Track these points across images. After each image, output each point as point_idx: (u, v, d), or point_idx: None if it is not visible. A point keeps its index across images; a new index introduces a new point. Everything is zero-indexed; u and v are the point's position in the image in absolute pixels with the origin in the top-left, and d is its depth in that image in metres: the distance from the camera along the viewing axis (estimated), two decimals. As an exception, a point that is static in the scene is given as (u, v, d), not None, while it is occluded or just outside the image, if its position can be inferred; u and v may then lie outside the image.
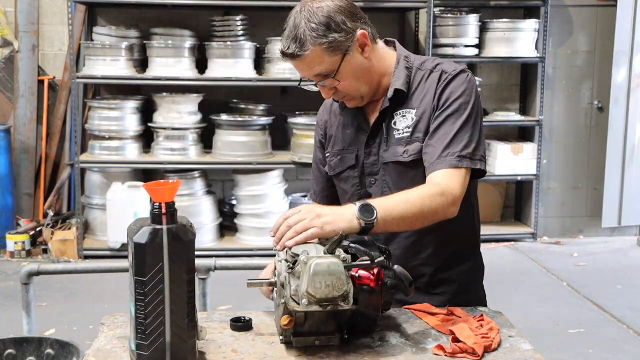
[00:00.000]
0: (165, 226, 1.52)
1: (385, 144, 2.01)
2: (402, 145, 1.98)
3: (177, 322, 1.53)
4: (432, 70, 2.01)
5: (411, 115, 1.99)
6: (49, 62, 6.24)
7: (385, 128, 2.01)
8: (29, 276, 3.15)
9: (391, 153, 2.00)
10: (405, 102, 2.00)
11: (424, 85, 2.00)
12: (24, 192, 6.19)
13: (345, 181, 2.10)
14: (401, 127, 2.00)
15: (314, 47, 1.87)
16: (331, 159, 2.13)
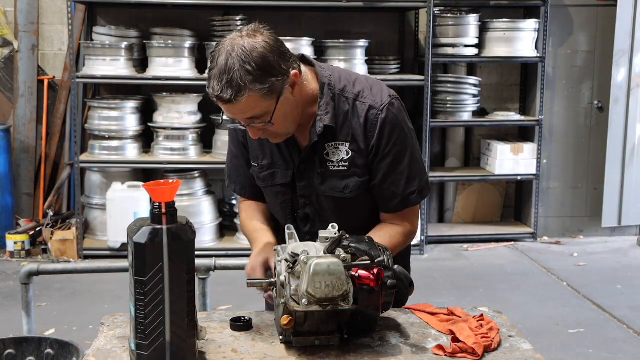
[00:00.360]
0: (165, 226, 1.52)
1: (321, 175, 2.00)
2: (340, 179, 2.00)
3: (177, 322, 1.53)
4: (356, 99, 1.99)
5: (345, 148, 1.99)
6: (49, 62, 6.24)
7: (318, 161, 2.00)
8: (29, 276, 3.15)
9: (329, 186, 2.01)
10: (334, 134, 1.99)
11: (352, 117, 1.98)
12: (23, 192, 6.18)
13: (274, 195, 2.09)
14: (335, 160, 2.00)
15: (250, 92, 1.78)
16: (260, 171, 2.09)
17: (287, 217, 2.08)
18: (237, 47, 1.77)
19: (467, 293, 5.03)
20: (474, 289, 5.19)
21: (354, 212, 2.04)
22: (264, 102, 1.82)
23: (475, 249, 6.15)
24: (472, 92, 6.22)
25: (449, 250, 6.09)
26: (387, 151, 1.99)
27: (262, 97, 1.81)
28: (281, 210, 2.10)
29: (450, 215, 6.68)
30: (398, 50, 6.39)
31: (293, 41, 5.76)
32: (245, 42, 1.79)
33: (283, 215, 2.10)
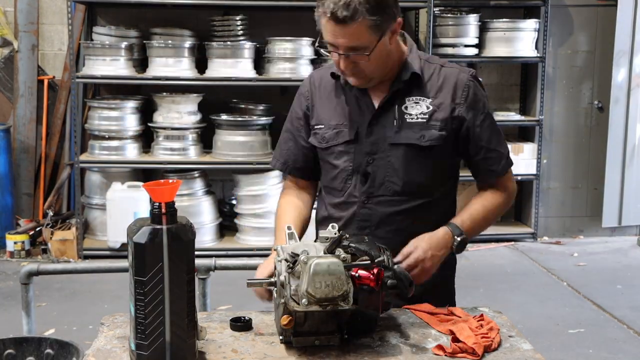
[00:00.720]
0: (165, 226, 1.52)
1: (397, 125, 2.02)
2: (417, 130, 2.02)
3: (177, 322, 1.53)
4: (443, 66, 2.08)
5: (425, 103, 2.03)
6: (49, 62, 6.24)
7: (397, 110, 2.03)
8: (29, 276, 3.15)
9: (404, 135, 2.02)
10: (416, 89, 2.04)
11: (436, 78, 2.05)
12: (23, 192, 6.18)
13: (337, 156, 2.08)
14: (414, 113, 2.03)
15: (362, 20, 1.85)
16: (325, 131, 2.10)
17: (347, 178, 2.07)
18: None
19: (467, 293, 5.03)
20: (474, 289, 5.19)
21: (420, 169, 2.04)
22: (368, 35, 1.89)
23: (475, 249, 6.15)
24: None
25: (449, 250, 6.09)
26: (485, 113, 2.07)
27: (369, 29, 1.88)
28: (341, 171, 2.08)
29: (450, 215, 6.67)
30: (398, 50, 6.38)
31: (293, 41, 5.76)
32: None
33: (342, 179, 2.08)
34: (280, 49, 5.76)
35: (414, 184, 2.02)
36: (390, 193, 2.03)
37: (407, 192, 2.02)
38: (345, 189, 2.07)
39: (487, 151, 2.08)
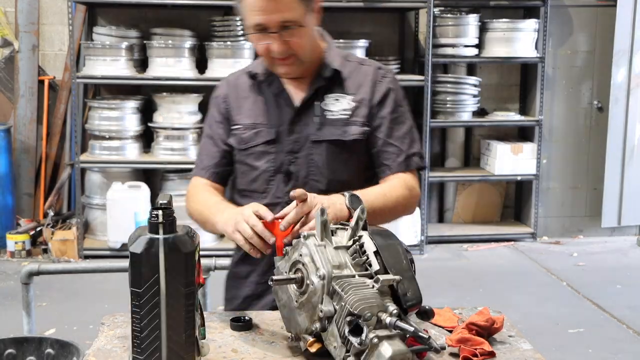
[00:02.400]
0: (162, 236, 1.45)
1: (319, 122, 2.02)
2: (339, 126, 2.02)
3: (173, 337, 1.45)
4: (361, 63, 2.10)
5: (347, 100, 2.04)
6: (49, 62, 6.25)
7: (317, 107, 2.03)
8: (29, 276, 3.16)
9: (326, 132, 2.01)
10: (337, 86, 2.04)
11: (356, 75, 2.06)
12: (24, 192, 6.19)
13: (257, 156, 2.05)
14: (336, 110, 2.03)
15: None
16: (243, 132, 2.07)
17: (269, 179, 2.05)
18: None
19: (467, 293, 5.04)
20: (474, 289, 5.19)
21: (344, 166, 2.03)
22: (298, 6, 1.89)
23: (475, 249, 6.15)
24: (472, 92, 6.22)
25: (449, 250, 6.10)
26: (393, 108, 2.06)
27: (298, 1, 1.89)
28: (262, 172, 2.05)
29: (450, 215, 6.68)
30: (398, 51, 6.39)
31: (293, 41, 5.76)
32: None
33: (263, 181, 2.06)
34: (280, 49, 5.76)
35: (338, 182, 1.99)
36: (314, 192, 1.92)
37: (332, 190, 1.90)
38: (267, 191, 2.05)
39: (384, 144, 2.04)
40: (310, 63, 2.02)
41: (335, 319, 1.48)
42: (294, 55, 1.95)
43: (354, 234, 1.61)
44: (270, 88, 2.07)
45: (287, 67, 1.98)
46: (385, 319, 1.44)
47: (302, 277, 1.56)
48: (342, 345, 1.47)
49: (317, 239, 1.58)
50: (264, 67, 2.06)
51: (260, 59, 2.07)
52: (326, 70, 2.03)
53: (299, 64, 1.99)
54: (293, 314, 1.59)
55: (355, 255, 1.58)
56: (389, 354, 1.41)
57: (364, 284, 1.50)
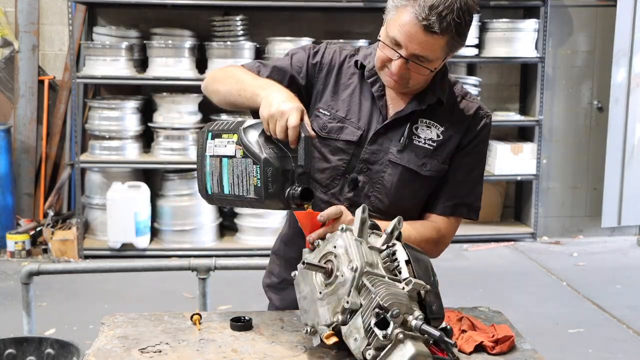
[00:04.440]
0: None
1: (403, 144, 1.94)
2: (420, 157, 1.94)
3: None
4: (464, 97, 2.00)
5: (437, 131, 1.95)
6: (49, 62, 6.25)
7: (404, 131, 1.94)
8: (29, 276, 3.16)
9: (407, 157, 1.94)
10: (432, 113, 1.96)
11: (453, 109, 1.97)
12: (24, 192, 6.19)
13: (333, 150, 1.97)
14: (423, 137, 1.95)
15: (445, 36, 1.77)
16: (330, 120, 1.98)
17: (336, 177, 1.97)
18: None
19: (467, 293, 5.03)
20: (474, 289, 5.19)
21: (411, 194, 1.97)
22: (440, 52, 1.81)
23: (475, 249, 6.15)
24: (472, 92, 6.21)
25: (449, 250, 6.03)
26: (476, 152, 1.99)
27: (444, 47, 1.80)
28: (332, 168, 1.96)
29: (450, 215, 6.67)
30: (398, 51, 6.38)
31: (293, 41, 5.76)
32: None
33: (330, 176, 1.97)
34: (280, 49, 5.76)
35: (399, 207, 1.92)
36: (373, 209, 1.93)
37: (390, 213, 1.84)
38: (330, 187, 1.97)
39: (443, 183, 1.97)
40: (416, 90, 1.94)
41: (361, 311, 1.49)
42: (407, 80, 1.87)
43: (389, 240, 1.62)
44: (373, 87, 1.96)
45: (394, 83, 1.89)
46: (411, 321, 1.45)
47: (331, 268, 1.56)
48: (365, 338, 1.47)
49: (355, 234, 1.59)
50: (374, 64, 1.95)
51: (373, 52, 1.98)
52: (430, 96, 1.94)
53: (405, 87, 1.90)
54: (314, 306, 1.58)
55: (386, 259, 1.59)
56: (412, 353, 1.41)
57: (395, 284, 1.51)
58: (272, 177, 1.67)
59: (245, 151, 1.70)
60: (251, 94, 1.81)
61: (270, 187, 1.67)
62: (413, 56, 1.81)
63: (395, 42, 1.82)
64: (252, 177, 1.69)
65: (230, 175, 1.74)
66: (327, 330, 1.54)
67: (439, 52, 1.81)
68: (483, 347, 1.68)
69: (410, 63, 1.82)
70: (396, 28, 1.82)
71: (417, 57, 1.81)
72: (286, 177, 1.69)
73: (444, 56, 1.84)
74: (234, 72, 1.95)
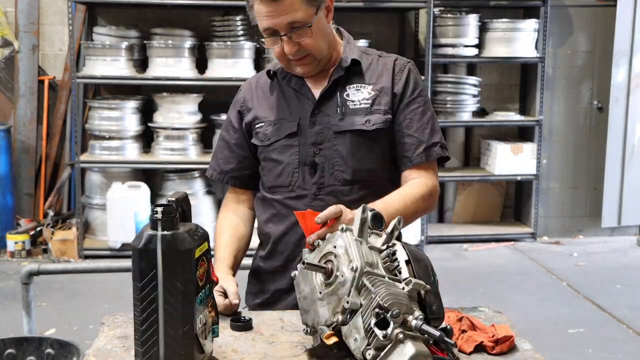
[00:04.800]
0: (160, 233, 1.47)
1: (341, 113, 2.02)
2: (361, 116, 2.01)
3: (171, 333, 1.47)
4: (380, 56, 2.10)
5: (367, 89, 2.04)
6: (49, 62, 6.25)
7: (339, 97, 2.03)
8: (29, 276, 3.16)
9: (348, 122, 2.01)
10: (356, 77, 2.05)
11: (375, 66, 2.07)
12: (24, 192, 6.19)
13: (280, 150, 2.05)
14: (357, 99, 2.03)
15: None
16: (266, 128, 2.07)
17: (295, 171, 2.04)
18: None
19: (467, 293, 5.04)
20: (474, 289, 5.20)
21: (368, 155, 2.02)
22: (304, 7, 1.90)
23: (475, 249, 6.16)
24: (472, 92, 6.22)
25: (449, 250, 6.10)
26: (413, 98, 2.06)
27: (303, 1, 1.89)
28: (286, 165, 2.04)
29: (450, 215, 6.68)
30: (398, 51, 6.38)
31: (293, 41, 5.76)
32: None
33: (288, 173, 2.05)
34: (280, 49, 5.76)
35: (363, 171, 2.01)
36: (340, 182, 2.00)
37: (357, 180, 1.99)
38: (292, 184, 2.04)
39: (402, 136, 2.04)
40: (327, 59, 2.04)
41: (361, 311, 1.49)
42: (309, 54, 1.96)
43: (389, 240, 1.62)
44: (291, 84, 2.07)
45: (304, 66, 2.00)
46: (411, 321, 1.45)
47: (331, 268, 1.57)
48: (365, 338, 1.47)
49: (354, 234, 1.59)
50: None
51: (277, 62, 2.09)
52: (344, 61, 2.04)
53: (315, 63, 2.00)
54: (314, 306, 1.59)
55: (386, 260, 1.59)
56: (412, 353, 1.41)
57: (395, 284, 1.52)
58: None
59: None
60: None
61: None
62: (287, 28, 1.90)
63: (268, 31, 1.93)
64: None
65: None
66: (327, 330, 1.54)
67: (303, 8, 1.90)
68: (483, 347, 1.68)
69: (294, 35, 1.91)
70: (259, 21, 1.93)
71: (291, 27, 1.91)
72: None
73: (313, 9, 1.92)
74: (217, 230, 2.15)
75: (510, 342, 1.69)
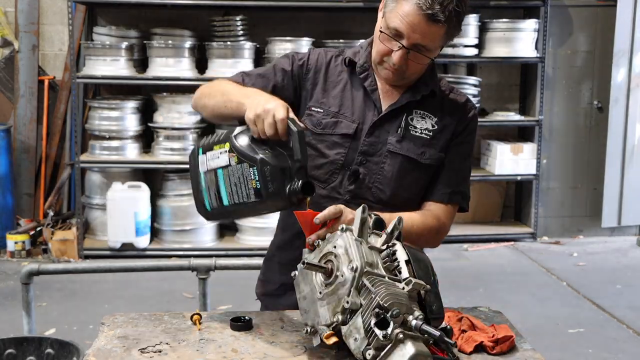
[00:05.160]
0: None
1: (401, 135, 1.99)
2: (419, 145, 1.99)
3: None
4: (451, 90, 2.08)
5: (431, 121, 2.02)
6: (49, 62, 6.25)
7: (400, 122, 2.00)
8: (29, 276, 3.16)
9: (406, 147, 1.99)
10: (426, 104, 2.02)
11: (443, 100, 2.04)
12: (24, 192, 6.19)
13: (329, 145, 1.99)
14: (419, 127, 2.01)
15: (446, 25, 1.83)
16: (323, 117, 2.00)
17: (334, 171, 1.99)
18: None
19: (467, 293, 5.04)
20: (474, 289, 5.20)
21: (411, 184, 2.01)
22: (440, 41, 1.88)
23: (475, 249, 6.16)
24: (472, 92, 6.22)
25: (449, 250, 6.09)
26: (467, 141, 2.07)
27: (444, 36, 1.87)
28: (330, 163, 1.99)
29: (450, 215, 6.67)
30: (398, 51, 6.38)
31: (293, 41, 5.76)
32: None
33: (328, 170, 1.99)
34: (280, 49, 5.77)
35: (400, 197, 1.99)
36: (375, 199, 1.97)
37: (392, 204, 1.95)
38: (329, 182, 1.99)
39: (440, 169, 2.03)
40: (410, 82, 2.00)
41: (361, 311, 1.49)
42: (404, 71, 1.93)
43: (389, 240, 1.62)
44: (364, 82, 2.01)
45: (392, 75, 1.94)
46: (411, 321, 1.45)
47: (331, 268, 1.57)
48: (365, 338, 1.47)
49: (354, 234, 1.59)
50: (365, 59, 2.01)
51: (361, 50, 2.03)
52: (423, 88, 2.00)
53: (401, 78, 1.95)
54: (314, 306, 1.59)
55: (386, 259, 1.59)
56: (412, 353, 1.42)
57: (395, 284, 1.52)
58: (271, 175, 1.66)
59: (239, 157, 1.70)
60: (237, 104, 1.84)
61: (270, 187, 1.66)
62: (414, 46, 1.87)
63: (396, 33, 1.87)
64: (251, 181, 1.68)
65: (227, 185, 1.73)
66: (327, 330, 1.53)
67: (439, 41, 1.88)
68: (483, 347, 1.68)
69: (411, 53, 1.88)
70: (398, 19, 1.85)
71: (418, 47, 1.87)
72: (285, 174, 1.68)
73: (442, 45, 1.91)
74: (220, 85, 2.02)
75: (510, 342, 1.70)
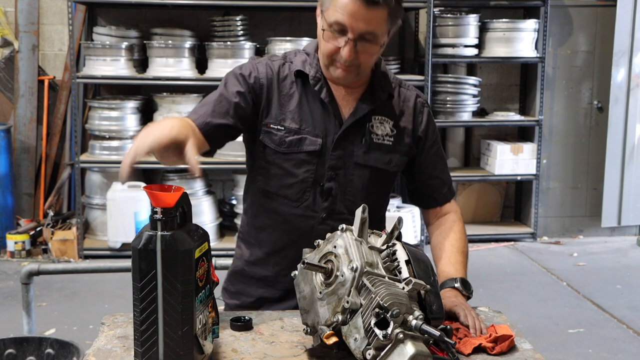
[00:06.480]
0: (160, 233, 1.47)
1: (366, 145, 1.96)
2: (384, 153, 1.98)
3: (170, 333, 1.47)
4: (400, 85, 2.05)
5: (389, 125, 2.00)
6: (49, 62, 6.25)
7: (363, 131, 1.97)
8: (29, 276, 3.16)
9: (373, 157, 1.97)
10: (382, 108, 1.99)
11: (397, 100, 2.02)
12: (24, 192, 6.19)
13: (297, 164, 1.94)
14: (380, 134, 1.98)
15: (387, 6, 1.80)
16: (285, 134, 1.93)
17: (306, 190, 1.95)
18: None
19: (467, 293, 5.03)
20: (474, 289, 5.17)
21: (379, 191, 2.03)
22: (385, 25, 1.84)
23: (475, 249, 6.15)
24: (472, 92, 6.22)
25: (449, 250, 6.09)
26: (434, 140, 2.07)
27: (387, 19, 1.84)
28: (300, 182, 1.95)
29: (450, 215, 6.67)
30: (398, 51, 6.39)
31: (293, 41, 5.76)
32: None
33: (299, 189, 1.96)
34: (281, 49, 5.77)
35: (372, 205, 1.88)
36: (349, 212, 1.94)
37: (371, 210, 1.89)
38: (302, 201, 1.96)
39: (429, 177, 2.08)
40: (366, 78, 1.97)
41: (361, 311, 1.49)
42: (357, 66, 1.87)
43: (389, 240, 1.62)
44: (320, 95, 1.95)
45: (345, 73, 1.88)
46: (411, 321, 1.45)
47: (331, 268, 1.56)
48: (365, 338, 1.47)
49: (354, 234, 1.59)
50: (316, 70, 1.95)
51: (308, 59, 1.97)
52: (382, 92, 1.98)
53: (355, 74, 1.90)
54: (314, 306, 1.59)
55: (386, 259, 1.59)
56: (412, 353, 1.42)
57: (395, 284, 1.52)
58: None
59: None
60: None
61: None
62: (360, 36, 1.82)
63: (340, 27, 1.82)
64: None
65: None
66: (327, 330, 1.54)
67: (384, 25, 1.84)
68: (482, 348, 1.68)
69: (359, 45, 1.83)
70: (337, 12, 1.81)
71: (364, 36, 1.82)
72: None
73: (388, 29, 1.86)
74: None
75: (510, 342, 1.70)
